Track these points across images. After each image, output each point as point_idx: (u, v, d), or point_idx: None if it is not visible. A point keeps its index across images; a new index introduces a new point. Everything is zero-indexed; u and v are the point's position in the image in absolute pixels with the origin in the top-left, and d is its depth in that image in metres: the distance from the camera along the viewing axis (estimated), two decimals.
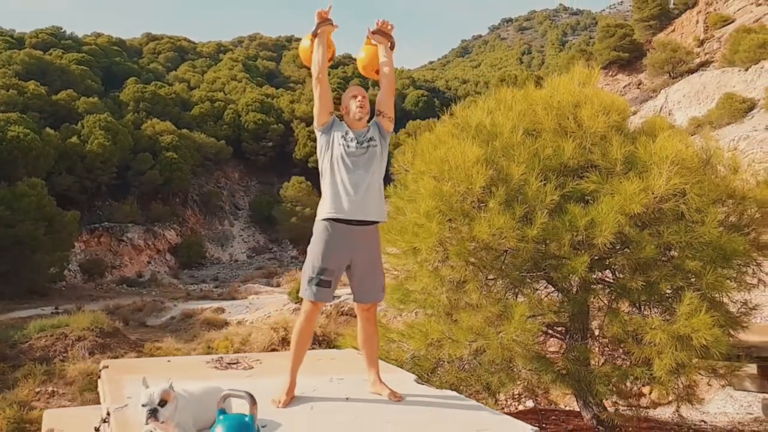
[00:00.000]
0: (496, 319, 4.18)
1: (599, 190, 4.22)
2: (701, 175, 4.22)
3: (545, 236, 4.11)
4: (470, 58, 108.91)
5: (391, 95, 3.44)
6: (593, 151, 4.37)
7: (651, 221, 4.18)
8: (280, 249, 48.47)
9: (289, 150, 52.47)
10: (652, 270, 4.14)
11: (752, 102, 26.00)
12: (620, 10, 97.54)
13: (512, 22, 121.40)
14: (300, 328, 3.31)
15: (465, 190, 4.12)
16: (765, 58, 27.95)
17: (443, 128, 5.01)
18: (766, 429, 5.74)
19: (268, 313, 27.73)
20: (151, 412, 2.46)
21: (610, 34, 39.91)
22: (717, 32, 34.45)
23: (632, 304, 4.53)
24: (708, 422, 6.14)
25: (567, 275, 4.12)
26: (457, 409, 3.19)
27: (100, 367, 3.78)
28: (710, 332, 3.70)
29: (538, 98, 4.70)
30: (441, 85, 76.98)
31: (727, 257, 4.13)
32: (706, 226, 3.96)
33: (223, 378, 3.59)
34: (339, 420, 2.95)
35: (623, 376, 4.33)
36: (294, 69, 75.06)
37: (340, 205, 3.17)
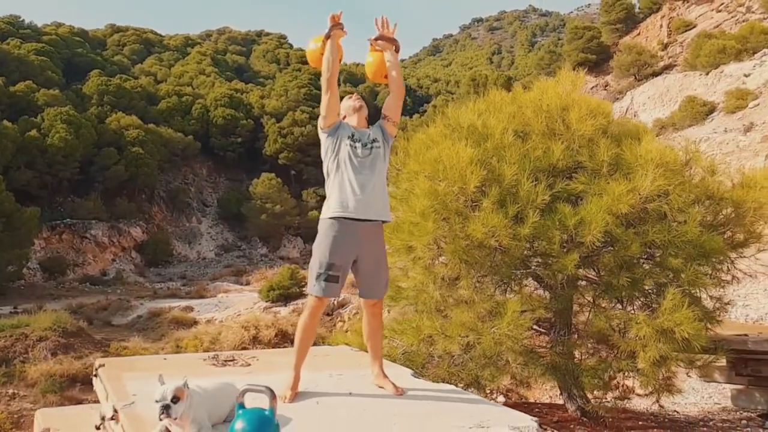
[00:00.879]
0: (488, 315, 4.30)
1: (587, 190, 4.39)
2: (682, 177, 4.42)
3: (536, 235, 4.24)
4: (441, 57, 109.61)
5: (399, 100, 3.52)
6: (581, 152, 4.53)
7: (636, 221, 4.36)
8: (250, 247, 47.96)
9: (258, 146, 51.95)
10: (636, 267, 4.32)
11: (712, 105, 26.90)
12: (588, 12, 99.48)
13: (483, 21, 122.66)
14: (305, 325, 3.37)
15: (459, 189, 4.22)
16: (724, 62, 28.95)
17: (435, 129, 5.11)
18: (734, 418, 6.02)
19: (238, 312, 27.47)
20: (164, 408, 2.50)
21: (579, 36, 40.73)
22: (680, 37, 35.51)
23: (616, 300, 4.71)
24: (680, 412, 6.40)
25: (557, 272, 4.25)
26: (457, 402, 3.30)
27: (96, 366, 3.77)
28: (692, 326, 3.89)
29: (527, 101, 4.85)
30: (413, 83, 77.23)
31: (706, 255, 4.34)
32: (687, 225, 4.16)
33: (223, 375, 3.61)
34: (347, 414, 3.03)
35: (608, 368, 4.50)
36: (264, 64, 74.35)
37: (347, 204, 3.24)
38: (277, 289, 27.78)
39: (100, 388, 3.49)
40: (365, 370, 3.68)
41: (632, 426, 5.12)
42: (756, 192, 4.56)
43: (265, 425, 2.42)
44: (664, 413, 6.09)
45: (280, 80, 64.19)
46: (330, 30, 3.37)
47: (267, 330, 22.66)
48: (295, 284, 27.99)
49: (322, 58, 3.35)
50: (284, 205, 45.17)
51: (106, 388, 3.31)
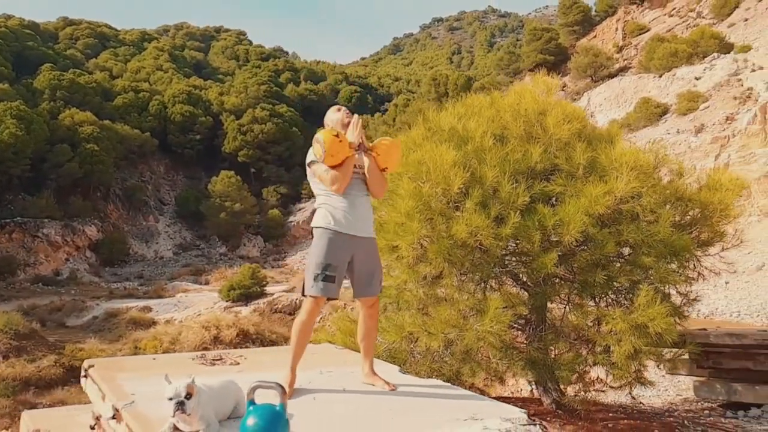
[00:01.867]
0: (470, 312, 4.40)
1: (564, 192, 4.54)
2: (653, 179, 4.62)
3: (517, 235, 4.36)
4: (402, 56, 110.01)
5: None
6: (558, 155, 4.69)
7: (610, 221, 4.53)
8: (209, 246, 47.15)
9: (217, 144, 51.12)
10: (611, 265, 4.50)
11: (665, 107, 27.87)
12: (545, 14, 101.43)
13: (443, 21, 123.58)
14: (302, 324, 3.44)
15: (442, 191, 4.31)
16: (677, 65, 30.02)
17: (417, 132, 5.19)
18: (696, 408, 6.31)
19: (198, 312, 27.04)
20: (179, 404, 2.53)
21: (537, 37, 41.53)
22: (634, 40, 36.63)
23: (590, 297, 4.89)
24: (645, 404, 6.66)
25: (535, 271, 4.39)
26: (448, 396, 3.42)
27: (85, 367, 3.73)
28: (664, 321, 4.08)
29: (505, 105, 4.98)
30: (373, 82, 77.32)
31: (676, 253, 4.55)
32: (659, 225, 4.35)
33: (216, 374, 3.62)
34: (344, 409, 3.09)
35: (583, 362, 4.67)
36: (223, 60, 73.19)
37: (340, 220, 3.37)
38: (237, 288, 27.47)
39: (93, 388, 3.46)
40: (354, 368, 3.75)
41: (603, 417, 5.32)
42: (721, 194, 4.81)
43: (277, 420, 2.47)
44: (631, 405, 6.34)
45: (240, 77, 63.33)
46: (363, 151, 3.40)
47: (228, 330, 22.41)
48: (256, 284, 27.72)
49: (341, 146, 3.26)
50: (244, 204, 44.62)
51: (102, 389, 3.29)
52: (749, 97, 24.99)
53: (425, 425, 2.81)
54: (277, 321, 25.78)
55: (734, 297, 16.17)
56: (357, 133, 3.36)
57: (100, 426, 3.38)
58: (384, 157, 3.43)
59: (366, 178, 3.43)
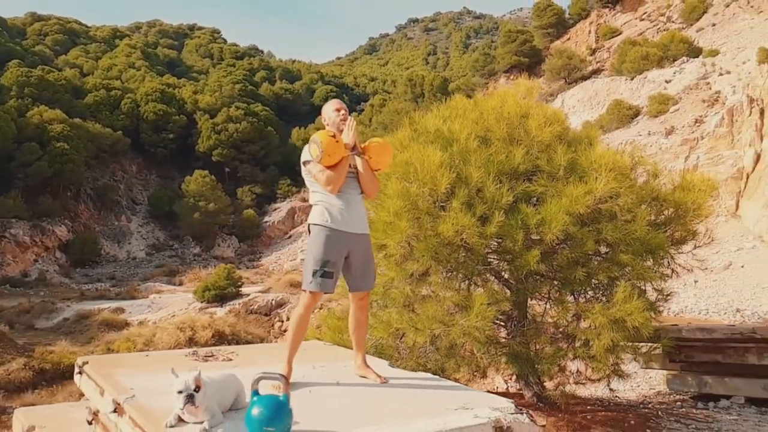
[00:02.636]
0: (455, 308, 4.52)
1: (546, 192, 4.70)
2: (630, 179, 4.81)
3: (501, 233, 4.49)
4: (378, 56, 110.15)
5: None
6: (540, 157, 4.85)
7: (589, 220, 4.69)
8: (182, 246, 46.58)
9: (191, 143, 50.58)
10: (590, 263, 4.66)
11: (637, 109, 28.49)
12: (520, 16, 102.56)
13: (418, 22, 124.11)
14: (299, 319, 3.55)
15: (430, 191, 4.43)
16: (648, 68, 30.70)
17: (403, 133, 5.30)
18: (669, 400, 6.54)
19: (172, 313, 26.75)
20: (188, 397, 2.62)
21: (512, 39, 42.01)
22: (607, 43, 37.31)
23: (570, 294, 5.05)
24: (620, 397, 6.88)
25: (519, 268, 4.52)
26: (438, 388, 3.56)
27: (79, 363, 3.76)
28: (641, 316, 4.25)
29: (488, 108, 5.13)
30: (349, 82, 77.34)
31: (651, 251, 4.74)
32: (636, 224, 4.53)
33: (211, 370, 3.66)
34: (340, 401, 3.20)
35: (564, 356, 4.83)
36: (197, 58, 72.34)
37: (336, 217, 3.47)
38: (212, 289, 27.24)
39: (89, 384, 3.50)
40: (345, 362, 3.85)
41: (582, 410, 5.50)
42: (694, 194, 5.02)
43: (281, 410, 2.56)
44: (607, 398, 6.54)
45: (214, 75, 62.74)
46: (356, 153, 3.50)
47: (204, 331, 22.27)
48: (231, 284, 27.52)
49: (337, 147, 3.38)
50: (218, 204, 44.21)
51: (100, 384, 3.34)
52: (717, 101, 25.70)
53: (419, 415, 2.92)
54: (253, 322, 25.65)
55: (703, 295, 16.67)
56: (352, 135, 3.46)
57: (98, 421, 3.41)
58: (376, 158, 3.54)
59: (358, 176, 3.53)
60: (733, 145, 24.17)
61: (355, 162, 3.52)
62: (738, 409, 5.86)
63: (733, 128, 24.17)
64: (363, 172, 3.50)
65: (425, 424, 2.77)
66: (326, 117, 3.68)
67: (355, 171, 3.52)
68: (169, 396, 3.07)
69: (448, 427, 2.77)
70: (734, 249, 19.26)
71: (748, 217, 20.99)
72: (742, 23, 31.96)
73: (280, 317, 25.68)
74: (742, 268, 19.09)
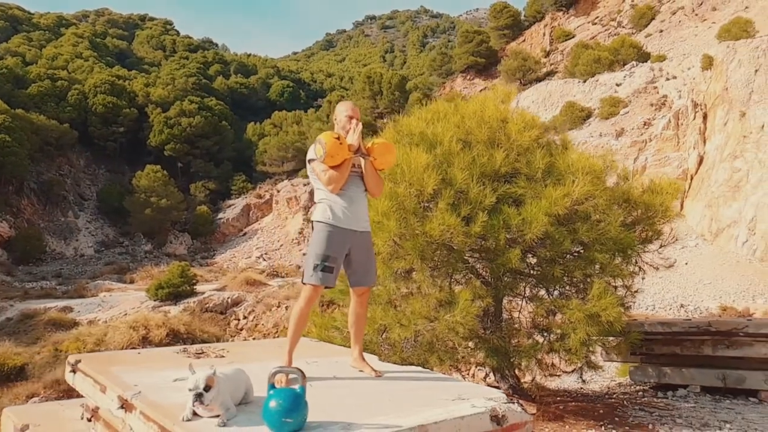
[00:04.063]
0: (440, 304, 4.68)
1: (525, 193, 4.91)
2: (603, 182, 5.08)
3: (484, 233, 4.67)
4: (335, 52, 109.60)
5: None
6: (519, 160, 5.06)
7: (566, 220, 4.93)
8: (133, 243, 45.30)
9: (142, 137, 49.19)
10: (568, 261, 4.90)
11: (589, 111, 29.45)
12: (476, 16, 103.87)
13: (376, 19, 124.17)
14: (300, 312, 3.64)
15: (417, 192, 4.56)
16: (599, 71, 31.75)
17: (388, 135, 5.41)
18: (632, 390, 6.91)
19: (124, 312, 26.05)
20: (197, 396, 2.69)
21: (469, 39, 42.59)
22: (561, 45, 38.31)
23: (545, 290, 5.29)
24: (585, 388, 7.20)
25: (500, 265, 4.71)
26: (432, 380, 3.71)
27: (71, 362, 3.73)
28: (615, 311, 4.51)
29: (469, 112, 5.30)
30: (306, 77, 76.67)
31: (623, 250, 5.02)
32: (610, 224, 4.80)
33: (207, 366, 3.68)
34: (341, 393, 3.30)
35: (540, 349, 5.06)
36: (148, 50, 70.24)
37: (338, 215, 3.58)
38: (166, 287, 26.65)
39: (87, 382, 3.49)
40: (337, 357, 3.96)
41: (553, 401, 5.76)
42: (662, 197, 5.35)
43: (299, 402, 2.64)
44: (573, 389, 6.85)
45: (167, 68, 61.16)
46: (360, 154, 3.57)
47: (158, 330, 21.79)
48: (185, 282, 27.00)
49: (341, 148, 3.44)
50: (170, 199, 43.18)
51: (100, 381, 3.33)
52: (664, 104, 26.83)
53: (421, 406, 3.05)
54: (209, 320, 25.26)
55: (650, 291, 17.45)
56: (356, 137, 3.55)
57: (98, 417, 3.40)
58: (380, 158, 3.65)
59: (363, 175, 3.64)
60: (679, 147, 25.33)
61: (360, 162, 3.62)
62: (694, 397, 6.25)
63: (678, 131, 25.31)
64: (367, 173, 3.61)
65: (430, 414, 2.90)
66: (337, 117, 3.74)
67: (359, 170, 3.63)
68: (173, 392, 3.12)
69: (451, 416, 2.91)
70: (679, 247, 20.23)
71: (692, 217, 22.09)
72: (687, 30, 33.47)
73: (236, 315, 25.37)
74: (686, 266, 20.10)
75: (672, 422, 5.25)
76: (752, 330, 6.06)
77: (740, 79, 22.25)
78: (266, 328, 23.09)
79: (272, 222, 44.76)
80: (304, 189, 43.54)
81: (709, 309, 16.49)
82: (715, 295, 17.67)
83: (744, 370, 6.15)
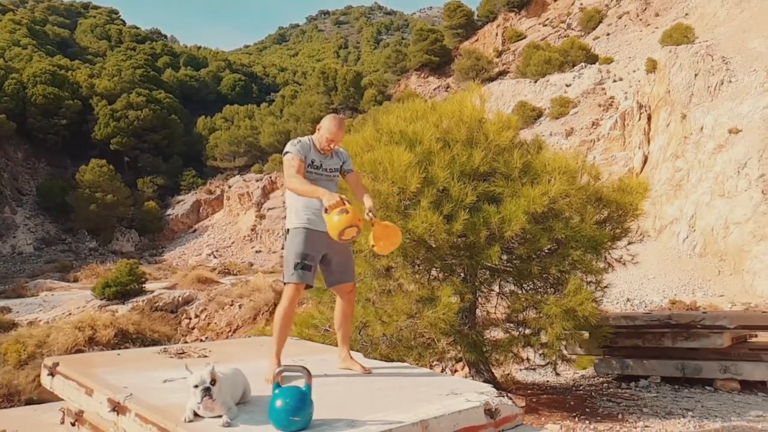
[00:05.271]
0: (421, 301, 4.73)
1: (503, 192, 5.01)
2: (577, 182, 5.24)
3: (465, 231, 4.75)
4: (288, 47, 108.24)
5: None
6: (497, 159, 5.16)
7: (542, 218, 5.06)
8: (76, 240, 43.59)
9: (87, 130, 47.28)
10: (544, 258, 5.04)
11: (540, 111, 30.20)
12: (429, 14, 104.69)
13: (330, 15, 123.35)
14: (284, 313, 3.63)
15: (399, 190, 4.59)
16: (550, 72, 32.59)
17: (369, 133, 5.42)
18: (596, 382, 7.16)
19: (68, 311, 25.09)
20: (205, 390, 2.66)
21: (423, 38, 42.89)
22: (513, 46, 39.07)
23: (519, 286, 5.42)
24: (550, 381, 7.42)
25: (480, 262, 4.80)
26: (422, 376, 3.76)
27: (48, 364, 3.57)
28: (590, 306, 4.68)
29: (447, 112, 5.38)
30: (258, 71, 75.43)
31: (596, 247, 5.20)
32: (585, 222, 4.96)
33: (190, 366, 3.60)
34: (336, 390, 3.31)
35: (517, 344, 5.19)
36: (92, 40, 67.58)
37: (314, 219, 3.61)
38: (113, 285, 25.76)
39: (69, 385, 3.36)
40: (322, 355, 3.96)
41: (526, 394, 5.92)
42: (632, 196, 5.57)
43: (305, 400, 2.66)
44: (541, 383, 7.04)
45: (113, 59, 58.98)
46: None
47: (105, 330, 21.08)
48: (134, 280, 26.20)
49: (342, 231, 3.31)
50: (117, 195, 41.77)
51: (85, 384, 3.21)
52: (611, 105, 27.78)
53: (418, 401, 3.09)
54: (159, 319, 24.62)
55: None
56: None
57: (83, 421, 3.27)
58: (380, 244, 3.56)
59: (335, 180, 3.69)
60: (625, 147, 26.31)
61: (334, 164, 3.70)
62: (655, 387, 6.54)
63: (625, 131, 26.27)
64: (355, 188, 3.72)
65: (428, 409, 2.94)
66: (321, 129, 3.66)
67: (334, 174, 3.68)
68: (166, 393, 3.04)
69: (449, 410, 2.97)
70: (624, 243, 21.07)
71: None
72: (633, 34, 34.74)
73: (187, 314, 24.82)
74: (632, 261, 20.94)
75: (639, 411, 5.49)
76: (708, 322, 6.39)
77: (681, 82, 23.27)
78: (219, 326, 22.68)
79: (223, 218, 43.96)
80: (256, 185, 42.94)
81: (654, 302, 17.16)
82: (659, 290, 18.39)
83: (701, 361, 6.48)
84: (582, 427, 4.96)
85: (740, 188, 18.37)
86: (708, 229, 19.02)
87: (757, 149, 18.00)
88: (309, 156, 3.61)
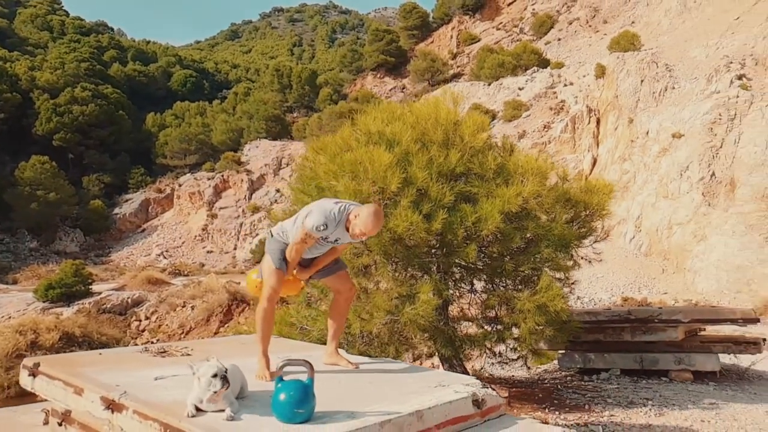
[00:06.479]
0: (401, 299, 4.82)
1: (479, 192, 5.17)
2: (547, 182, 5.46)
3: (443, 230, 4.87)
4: (240, 43, 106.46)
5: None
6: (472, 161, 5.32)
7: (515, 218, 5.25)
8: (15, 240, 41.67)
9: (27, 124, 45.26)
10: (517, 255, 5.22)
11: (494, 113, 30.83)
12: (384, 15, 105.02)
13: (284, 12, 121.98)
14: (265, 312, 3.63)
15: (380, 189, 4.66)
16: (503, 75, 33.30)
17: (348, 133, 5.48)
18: (560, 376, 7.43)
19: (7, 315, 24.04)
20: (224, 379, 2.72)
21: (379, 38, 43.06)
22: (467, 48, 39.71)
23: (491, 284, 5.59)
24: (516, 376, 7.65)
25: (459, 259, 4.93)
26: (407, 371, 3.84)
27: (29, 365, 3.47)
28: (561, 302, 4.88)
29: (424, 114, 5.50)
30: (210, 67, 73.92)
31: (565, 245, 5.42)
32: (556, 221, 5.17)
33: (174, 365, 3.61)
34: (329, 384, 3.37)
35: (491, 339, 5.36)
36: (33, 30, 64.69)
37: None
38: (58, 287, 24.78)
39: (53, 385, 3.28)
40: (305, 352, 3.99)
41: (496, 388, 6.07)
42: (599, 197, 5.84)
43: (308, 393, 2.72)
44: (508, 377, 7.25)
45: (55, 51, 56.69)
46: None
47: (49, 333, 20.29)
48: (80, 282, 25.29)
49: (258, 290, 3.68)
50: (60, 193, 40.14)
51: (73, 383, 3.15)
52: (562, 109, 28.62)
53: (410, 393, 3.18)
54: (107, 322, 23.87)
55: None
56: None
57: (71, 421, 3.20)
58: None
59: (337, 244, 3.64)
60: (575, 149, 27.18)
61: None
62: (616, 379, 6.86)
63: (575, 134, 27.14)
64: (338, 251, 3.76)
65: (422, 401, 3.05)
66: (358, 220, 3.38)
67: (336, 243, 3.61)
68: (160, 390, 3.02)
69: (441, 401, 3.08)
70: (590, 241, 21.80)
71: None
72: (582, 40, 35.92)
73: (137, 316, 24.16)
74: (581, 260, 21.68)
75: (603, 402, 5.75)
76: (665, 317, 6.73)
77: (628, 88, 24.23)
78: (171, 328, 22.16)
79: (173, 218, 42.90)
80: (207, 183, 42.10)
81: (602, 300, 17.80)
82: (607, 288, 19.08)
83: (657, 353, 6.84)
84: (553, 417, 5.17)
85: (683, 190, 19.28)
86: (653, 230, 19.86)
87: (698, 153, 18.92)
88: (332, 234, 3.43)
